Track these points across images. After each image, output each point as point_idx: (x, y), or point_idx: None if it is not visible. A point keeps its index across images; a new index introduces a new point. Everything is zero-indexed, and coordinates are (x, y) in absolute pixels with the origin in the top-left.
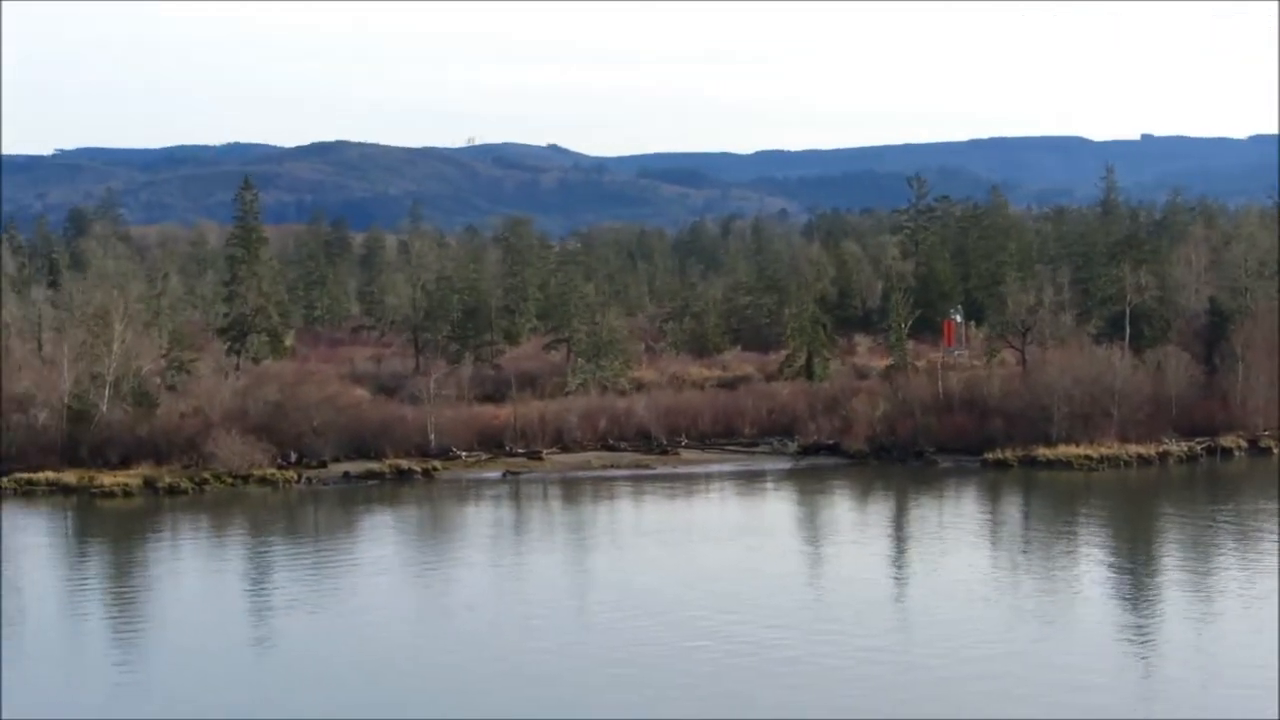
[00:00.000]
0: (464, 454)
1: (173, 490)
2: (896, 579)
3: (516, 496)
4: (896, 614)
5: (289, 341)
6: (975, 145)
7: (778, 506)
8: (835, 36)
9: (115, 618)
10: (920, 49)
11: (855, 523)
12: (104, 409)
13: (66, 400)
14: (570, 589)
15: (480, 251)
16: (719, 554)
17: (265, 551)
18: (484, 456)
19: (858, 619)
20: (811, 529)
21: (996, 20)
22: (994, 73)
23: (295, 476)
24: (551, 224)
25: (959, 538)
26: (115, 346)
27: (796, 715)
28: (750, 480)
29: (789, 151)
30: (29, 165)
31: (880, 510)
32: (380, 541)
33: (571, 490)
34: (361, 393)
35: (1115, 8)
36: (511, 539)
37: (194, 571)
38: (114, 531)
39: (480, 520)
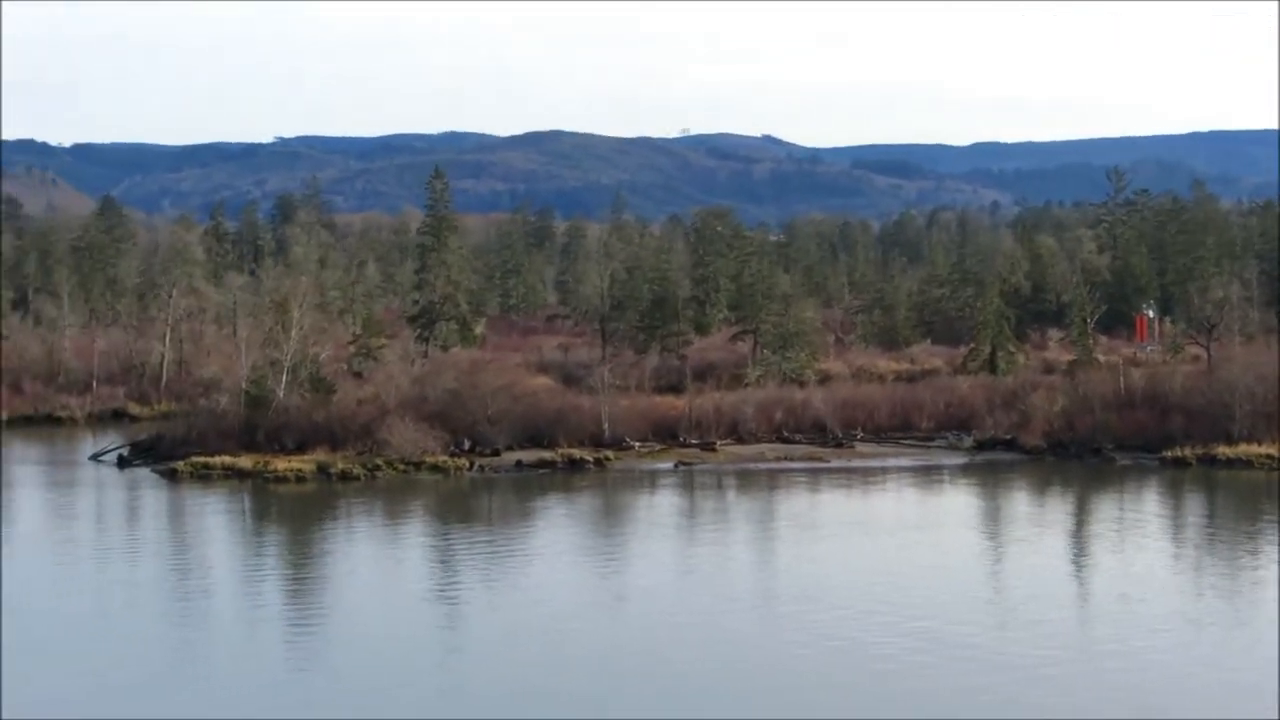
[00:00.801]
0: (637, 444)
1: (345, 476)
2: (1075, 577)
3: (690, 487)
4: (1074, 613)
5: (479, 329)
6: (1195, 138)
7: (952, 501)
8: (1053, 28)
9: (292, 605)
10: (1136, 40)
11: (1031, 519)
12: (281, 395)
13: (244, 386)
14: (746, 581)
15: (676, 241)
16: (893, 548)
17: (437, 538)
18: (657, 447)
19: (1032, 618)
20: (985, 525)
21: (1213, 11)
22: (1214, 64)
23: (467, 464)
24: (763, 215)
25: (1136, 538)
26: (294, 333)
27: (976, 715)
28: (924, 474)
29: (1005, 144)
30: (248, 153)
31: (1057, 507)
32: (552, 530)
33: (745, 482)
34: (546, 381)
35: None
36: (686, 530)
37: (368, 558)
38: (290, 516)
39: (654, 510)
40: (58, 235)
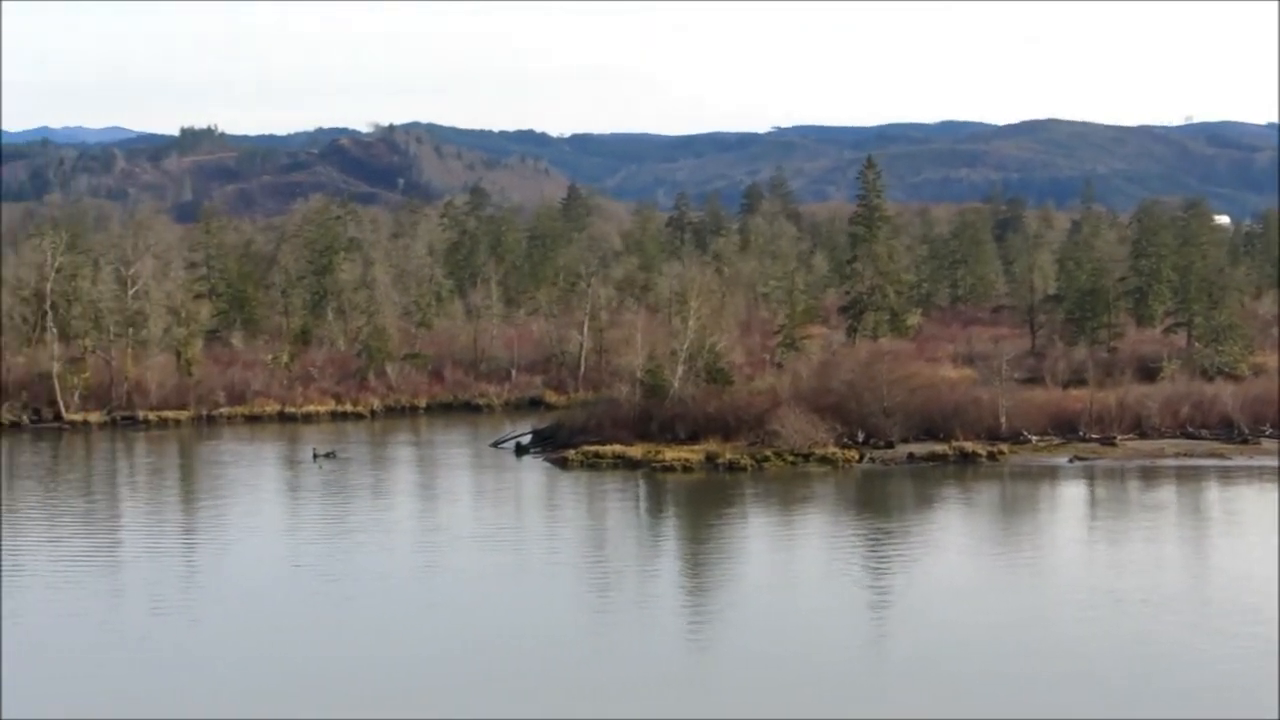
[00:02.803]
0: (1034, 438)
1: (732, 467)
2: None
3: (1090, 483)
4: None
5: (911, 320)
6: None
7: None
8: None
9: (697, 593)
10: None
11: None
12: (676, 385)
13: (639, 375)
14: (1173, 580)
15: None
16: None
17: (838, 529)
18: (1055, 441)
19: None
20: None
21: None
22: None
23: (857, 456)
24: (1264, 204)
25: None
26: (691, 323)
27: None
28: None
29: None
30: (743, 142)
31: None
32: (954, 523)
33: (1148, 478)
34: (965, 374)
35: None
36: (1099, 528)
37: (763, 553)
38: (684, 503)
39: (1063, 508)
40: (509, 224)
